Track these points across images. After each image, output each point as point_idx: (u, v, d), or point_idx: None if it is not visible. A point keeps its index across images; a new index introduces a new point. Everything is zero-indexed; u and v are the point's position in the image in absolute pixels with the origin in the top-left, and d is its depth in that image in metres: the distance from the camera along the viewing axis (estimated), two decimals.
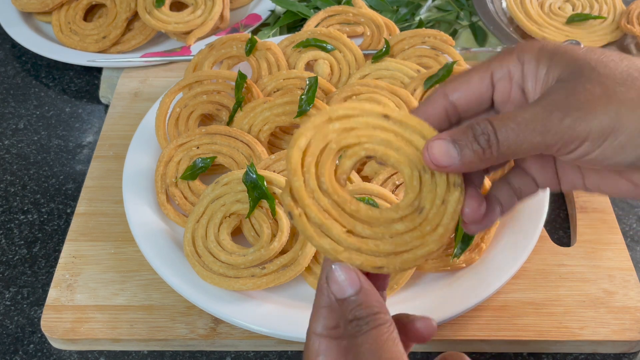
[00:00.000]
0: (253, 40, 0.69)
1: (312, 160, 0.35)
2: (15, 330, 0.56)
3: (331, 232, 0.34)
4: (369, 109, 0.36)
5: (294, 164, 0.34)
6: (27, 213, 0.65)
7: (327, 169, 0.35)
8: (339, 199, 0.35)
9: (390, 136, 0.36)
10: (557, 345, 0.53)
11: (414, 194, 0.35)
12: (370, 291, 0.35)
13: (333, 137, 0.35)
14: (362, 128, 0.36)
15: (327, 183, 0.35)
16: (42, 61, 0.85)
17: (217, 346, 0.54)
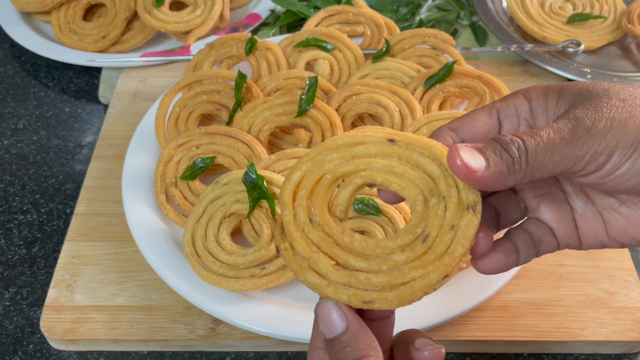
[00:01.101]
0: (253, 40, 0.69)
1: (305, 193, 0.34)
2: (14, 331, 0.56)
3: (317, 265, 0.32)
4: (372, 135, 0.34)
5: (285, 198, 0.34)
6: (26, 213, 0.65)
7: (320, 201, 0.34)
8: (331, 231, 0.33)
9: (393, 161, 0.34)
10: (557, 345, 0.53)
11: (417, 220, 0.33)
12: (359, 331, 0.33)
13: (329, 168, 0.34)
14: (362, 156, 0.34)
15: (318, 215, 0.34)
16: (41, 61, 0.85)
17: (217, 346, 0.54)
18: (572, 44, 0.77)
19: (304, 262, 0.33)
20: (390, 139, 0.34)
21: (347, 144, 0.35)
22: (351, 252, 0.33)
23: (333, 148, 0.35)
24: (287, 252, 0.33)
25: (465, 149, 0.32)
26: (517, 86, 0.77)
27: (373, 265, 0.32)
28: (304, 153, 0.36)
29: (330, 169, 0.34)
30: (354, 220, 0.54)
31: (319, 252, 0.33)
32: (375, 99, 0.64)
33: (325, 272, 0.32)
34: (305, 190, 0.34)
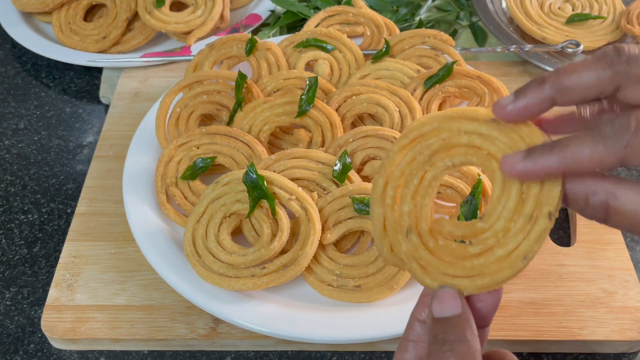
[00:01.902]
0: (253, 41, 0.69)
1: (409, 193, 0.35)
2: (15, 330, 0.56)
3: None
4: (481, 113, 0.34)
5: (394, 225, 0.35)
6: (27, 213, 0.66)
7: (425, 215, 0.35)
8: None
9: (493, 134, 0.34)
10: (557, 345, 0.53)
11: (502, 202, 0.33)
12: (468, 321, 0.34)
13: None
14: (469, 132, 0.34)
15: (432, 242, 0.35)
16: (42, 61, 0.85)
17: (217, 346, 0.54)
18: (572, 44, 0.77)
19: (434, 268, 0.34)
20: (493, 118, 0.34)
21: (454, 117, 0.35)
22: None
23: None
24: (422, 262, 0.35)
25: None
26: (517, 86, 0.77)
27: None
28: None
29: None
30: (354, 220, 0.54)
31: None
32: (375, 99, 0.64)
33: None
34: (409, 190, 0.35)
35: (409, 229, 0.34)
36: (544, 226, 0.32)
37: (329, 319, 0.51)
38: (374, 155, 0.60)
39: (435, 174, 0.35)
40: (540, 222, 0.32)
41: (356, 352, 0.54)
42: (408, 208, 0.35)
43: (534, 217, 0.32)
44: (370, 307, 0.52)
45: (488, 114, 0.34)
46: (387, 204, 0.35)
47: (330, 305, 0.53)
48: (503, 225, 0.33)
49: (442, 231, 0.35)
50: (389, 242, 0.35)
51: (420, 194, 0.35)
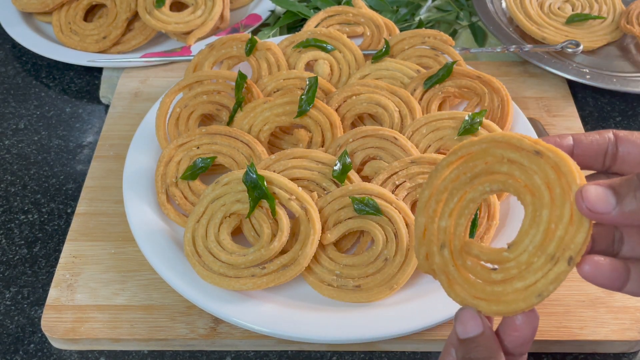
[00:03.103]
0: (253, 41, 0.70)
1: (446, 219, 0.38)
2: (15, 330, 0.56)
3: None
4: (522, 141, 0.36)
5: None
6: (27, 213, 0.66)
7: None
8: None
9: (531, 173, 0.35)
10: (556, 345, 0.53)
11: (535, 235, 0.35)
12: (492, 337, 0.37)
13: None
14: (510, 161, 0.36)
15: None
16: (42, 61, 0.85)
17: (217, 346, 0.54)
18: (571, 44, 0.77)
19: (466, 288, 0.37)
20: (537, 150, 0.35)
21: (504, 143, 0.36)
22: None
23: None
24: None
25: (594, 190, 0.32)
26: (517, 86, 0.77)
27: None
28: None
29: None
30: (354, 220, 0.54)
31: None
32: (375, 99, 0.64)
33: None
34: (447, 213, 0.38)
35: (444, 243, 0.37)
36: (562, 269, 0.33)
37: (329, 319, 0.51)
38: (374, 155, 0.60)
39: (474, 197, 0.37)
40: (560, 264, 0.33)
41: (356, 352, 0.54)
42: (445, 224, 0.37)
43: (555, 258, 0.33)
44: (370, 307, 0.52)
45: (532, 145, 0.35)
46: (429, 215, 0.38)
47: (330, 305, 0.53)
48: (526, 259, 0.34)
49: (470, 252, 0.37)
50: (426, 250, 0.38)
51: (458, 212, 0.37)
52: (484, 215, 0.55)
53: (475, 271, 0.37)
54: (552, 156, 0.34)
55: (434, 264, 0.38)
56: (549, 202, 0.34)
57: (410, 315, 0.51)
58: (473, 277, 0.37)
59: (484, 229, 0.55)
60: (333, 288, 0.53)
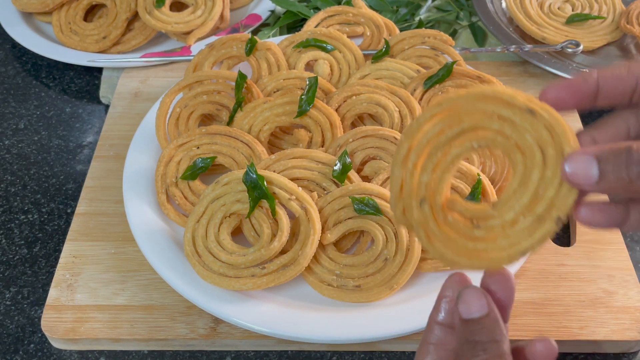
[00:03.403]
0: (253, 41, 0.70)
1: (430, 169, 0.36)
2: (15, 330, 0.56)
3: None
4: (515, 98, 0.34)
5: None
6: (27, 213, 0.66)
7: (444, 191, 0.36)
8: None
9: (521, 130, 0.34)
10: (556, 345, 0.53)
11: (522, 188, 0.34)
12: (497, 319, 0.35)
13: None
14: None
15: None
16: (42, 61, 0.85)
17: (217, 346, 0.54)
18: (571, 44, 0.77)
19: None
20: (531, 109, 0.33)
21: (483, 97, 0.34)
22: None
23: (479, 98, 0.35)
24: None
25: (581, 161, 0.31)
26: (517, 86, 0.77)
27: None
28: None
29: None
30: (354, 220, 0.54)
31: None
32: (375, 99, 0.64)
33: None
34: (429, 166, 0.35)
35: (424, 199, 0.35)
36: (549, 229, 0.33)
37: (328, 319, 0.51)
38: (374, 155, 0.60)
39: (460, 152, 0.35)
40: (548, 224, 0.33)
41: (356, 352, 0.54)
42: (427, 179, 0.35)
43: (542, 218, 0.33)
44: (370, 307, 0.52)
45: (525, 102, 0.33)
46: (408, 168, 0.35)
47: (330, 305, 0.53)
48: (512, 217, 0.34)
49: (454, 209, 0.36)
50: (403, 204, 0.36)
51: (442, 168, 0.35)
52: None
53: (457, 228, 0.35)
54: (546, 116, 0.33)
55: (412, 219, 0.36)
56: (541, 162, 0.33)
57: (410, 315, 0.51)
58: (454, 234, 0.35)
59: None
60: (333, 288, 0.53)
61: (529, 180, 0.33)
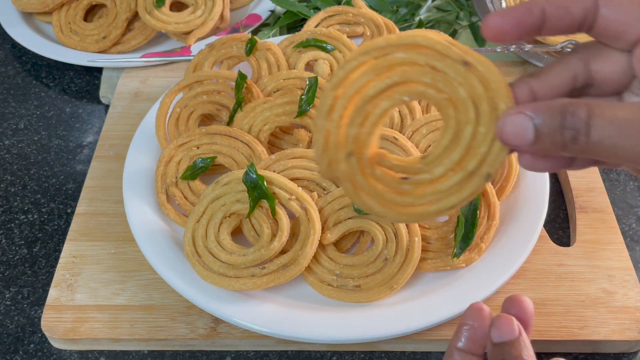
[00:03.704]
0: (253, 41, 0.70)
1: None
2: (15, 330, 0.56)
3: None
4: (447, 49, 0.32)
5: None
6: (27, 213, 0.66)
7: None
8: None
9: (455, 83, 0.32)
10: (556, 345, 0.53)
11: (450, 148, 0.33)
12: (525, 342, 0.39)
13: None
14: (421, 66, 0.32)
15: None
16: (42, 61, 0.85)
17: (217, 346, 0.54)
18: (571, 44, 0.77)
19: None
20: (466, 61, 0.32)
21: (412, 45, 0.32)
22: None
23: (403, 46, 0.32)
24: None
25: (516, 122, 0.30)
26: None
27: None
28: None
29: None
30: (354, 220, 0.54)
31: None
32: None
33: None
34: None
35: (351, 152, 0.34)
36: (479, 185, 0.32)
37: (328, 319, 0.51)
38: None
39: (389, 105, 0.33)
40: (477, 180, 0.32)
41: (356, 352, 0.54)
42: (355, 132, 0.34)
43: (473, 174, 0.32)
44: (370, 307, 0.52)
45: (460, 54, 0.32)
46: (334, 119, 0.34)
47: (330, 305, 0.53)
48: (442, 172, 0.33)
49: (382, 163, 0.35)
50: (328, 157, 0.34)
51: (370, 121, 0.34)
52: (484, 215, 0.55)
53: (385, 181, 0.34)
54: (481, 69, 0.31)
55: (338, 172, 0.34)
56: (474, 118, 0.32)
57: (411, 315, 0.51)
58: (382, 187, 0.34)
59: (484, 229, 0.55)
60: (333, 288, 0.53)
61: (460, 136, 0.32)
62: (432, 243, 0.55)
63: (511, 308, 0.41)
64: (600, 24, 0.32)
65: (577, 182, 0.64)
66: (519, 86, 0.32)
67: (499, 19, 0.32)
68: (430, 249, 0.55)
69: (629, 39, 0.32)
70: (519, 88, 0.32)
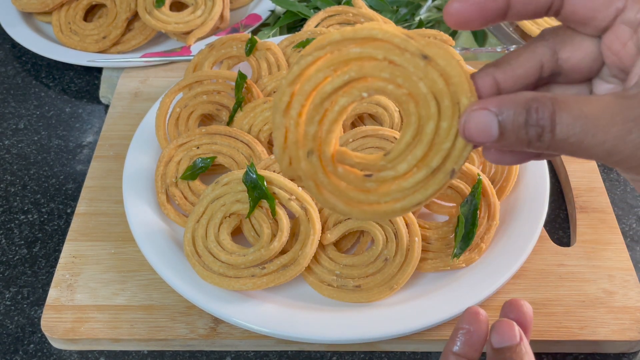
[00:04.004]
0: (253, 41, 0.69)
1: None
2: (15, 330, 0.56)
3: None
4: (406, 44, 0.31)
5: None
6: (27, 213, 0.66)
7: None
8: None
9: (414, 77, 0.31)
10: (557, 345, 0.53)
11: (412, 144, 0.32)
12: (526, 347, 0.39)
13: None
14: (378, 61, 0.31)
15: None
16: (42, 61, 0.85)
17: (217, 346, 0.54)
18: None
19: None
20: (425, 54, 0.30)
21: (368, 38, 0.31)
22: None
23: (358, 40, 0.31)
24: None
25: (480, 118, 0.29)
26: None
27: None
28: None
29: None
30: (354, 220, 0.54)
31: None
32: (375, 99, 0.64)
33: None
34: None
35: (311, 150, 0.33)
36: (444, 181, 0.32)
37: (328, 319, 0.51)
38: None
39: (348, 102, 0.32)
40: (441, 176, 0.31)
41: (356, 352, 0.54)
42: (314, 130, 0.33)
43: (437, 170, 0.31)
44: (370, 307, 0.52)
45: (419, 48, 0.30)
46: (292, 116, 0.33)
47: (330, 305, 0.53)
48: (406, 169, 0.32)
49: (343, 161, 0.34)
50: (289, 155, 0.33)
51: (329, 119, 0.33)
52: (484, 215, 0.55)
53: (348, 179, 0.33)
54: (442, 63, 0.30)
55: (299, 170, 0.33)
56: (436, 113, 0.31)
57: (411, 315, 0.51)
58: (345, 185, 0.33)
59: (484, 229, 0.55)
60: (333, 288, 0.53)
61: (423, 132, 0.31)
62: (432, 243, 0.55)
63: (510, 312, 0.41)
64: (567, 8, 0.31)
65: (577, 182, 0.64)
66: (482, 78, 0.31)
67: (460, 5, 0.31)
68: (431, 249, 0.55)
69: (597, 24, 0.31)
70: (482, 80, 0.31)
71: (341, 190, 0.33)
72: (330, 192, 0.34)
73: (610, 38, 0.31)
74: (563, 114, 0.27)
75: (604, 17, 0.30)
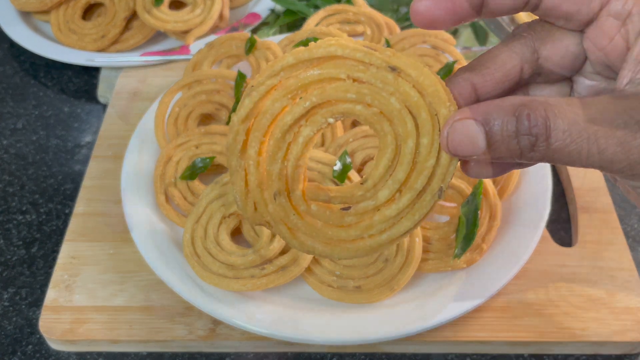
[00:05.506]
0: (252, 40, 0.69)
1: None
2: (13, 331, 0.56)
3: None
4: (371, 56, 0.28)
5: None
6: (25, 213, 0.65)
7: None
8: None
9: (384, 94, 0.28)
10: (558, 346, 0.53)
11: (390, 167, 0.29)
12: None
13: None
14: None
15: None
16: (40, 61, 0.85)
17: (217, 347, 0.53)
18: None
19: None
20: (393, 66, 0.27)
21: (327, 56, 0.28)
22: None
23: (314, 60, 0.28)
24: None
25: (464, 129, 0.26)
26: None
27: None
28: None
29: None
30: None
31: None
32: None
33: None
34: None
35: (278, 191, 0.30)
36: (432, 202, 0.28)
37: (329, 320, 0.51)
38: (374, 156, 0.60)
39: (312, 131, 0.29)
40: (429, 198, 0.28)
41: (356, 354, 0.53)
42: (279, 168, 0.30)
43: (423, 192, 0.28)
44: (370, 308, 0.52)
45: (384, 59, 0.27)
46: (250, 156, 0.30)
47: (330, 306, 0.52)
48: (387, 195, 0.29)
49: (316, 198, 0.31)
50: (252, 200, 0.30)
51: (294, 153, 0.30)
52: (486, 215, 0.55)
53: (324, 216, 0.30)
54: (413, 73, 0.27)
55: (267, 215, 0.30)
56: (413, 129, 0.27)
57: (411, 316, 0.51)
58: (321, 224, 0.30)
59: (486, 230, 0.55)
60: (333, 289, 0.53)
61: (402, 152, 0.28)
62: (433, 244, 0.55)
63: None
64: (547, 3, 0.29)
65: (579, 182, 0.64)
66: (458, 85, 0.28)
67: (430, 3, 0.28)
68: (431, 250, 0.55)
69: (581, 18, 0.28)
70: (459, 87, 0.28)
71: (318, 230, 0.30)
72: (306, 234, 0.30)
73: (594, 32, 0.29)
74: (557, 120, 0.25)
75: (588, 10, 0.28)
